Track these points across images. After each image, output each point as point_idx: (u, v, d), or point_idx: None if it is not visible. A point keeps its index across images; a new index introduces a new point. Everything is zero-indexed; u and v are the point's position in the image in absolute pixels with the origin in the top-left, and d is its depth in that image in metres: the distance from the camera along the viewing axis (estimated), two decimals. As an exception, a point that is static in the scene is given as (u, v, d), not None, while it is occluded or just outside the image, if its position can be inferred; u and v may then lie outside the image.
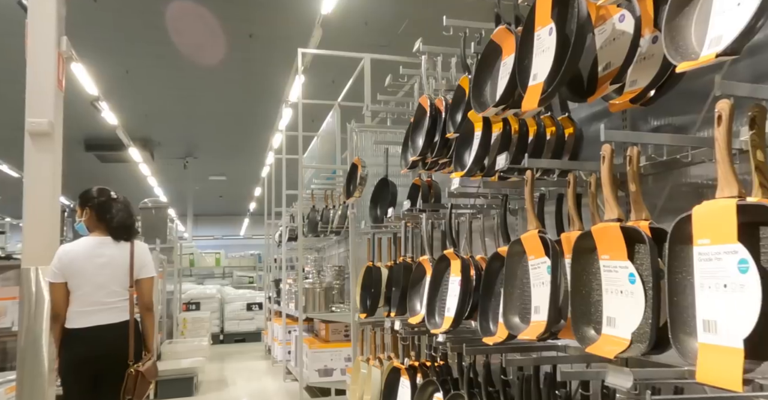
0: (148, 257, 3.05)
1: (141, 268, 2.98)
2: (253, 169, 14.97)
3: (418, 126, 2.53)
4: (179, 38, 7.71)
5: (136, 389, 2.80)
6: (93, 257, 2.87)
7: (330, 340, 5.28)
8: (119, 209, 3.01)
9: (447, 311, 2.13)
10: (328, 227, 5.50)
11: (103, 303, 2.86)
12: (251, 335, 11.13)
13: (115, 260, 2.91)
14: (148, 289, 3.00)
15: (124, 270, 2.91)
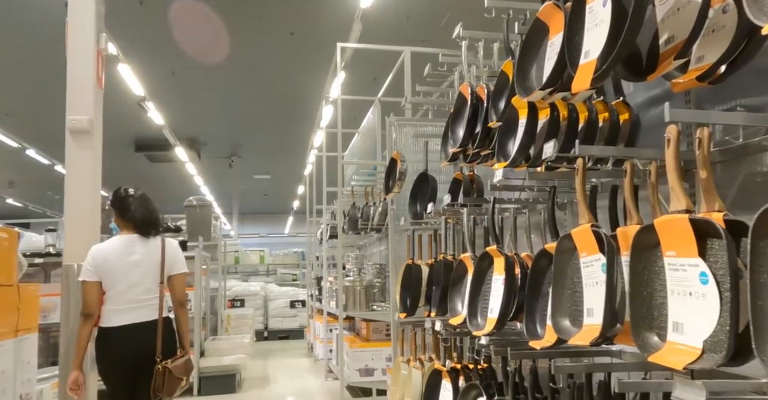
0: (179, 253, 3.03)
1: (172, 264, 2.96)
2: (297, 168, 15.07)
3: (459, 116, 2.39)
4: (221, 37, 7.78)
5: (164, 385, 2.78)
6: (125, 255, 2.87)
7: (371, 339, 5.20)
8: (137, 205, 2.94)
9: (490, 312, 1.99)
10: (369, 225, 5.41)
11: (138, 301, 2.86)
12: (294, 333, 11.18)
13: (147, 258, 2.90)
14: (180, 285, 2.98)
15: (156, 267, 2.90)
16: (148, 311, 2.86)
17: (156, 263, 2.90)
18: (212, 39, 7.83)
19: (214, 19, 7.21)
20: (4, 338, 3.01)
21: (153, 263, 2.90)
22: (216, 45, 8.00)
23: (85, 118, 3.00)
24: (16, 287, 3.14)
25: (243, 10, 6.99)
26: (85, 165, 3.03)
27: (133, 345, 2.82)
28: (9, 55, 7.66)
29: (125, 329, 2.80)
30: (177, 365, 2.84)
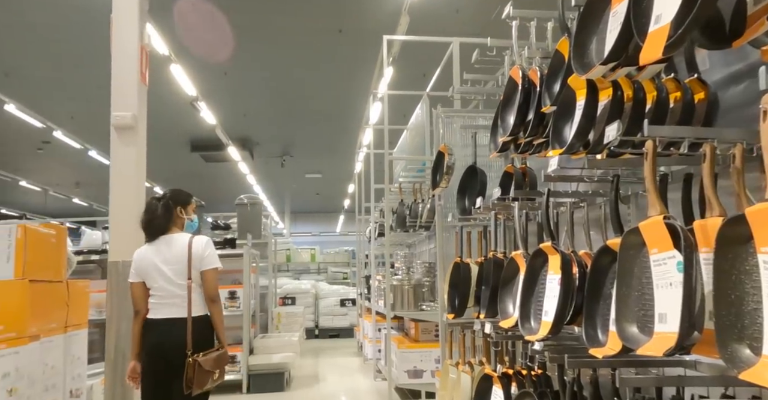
0: (207, 249, 3.08)
1: (200, 260, 3.03)
2: (347, 167, 15.10)
3: (509, 102, 2.22)
4: (271, 37, 7.81)
5: (195, 378, 2.86)
6: (156, 255, 3.01)
7: (420, 340, 5.05)
8: (144, 210, 3.11)
9: (544, 315, 1.81)
10: (417, 222, 5.26)
11: (175, 296, 2.99)
12: (345, 331, 11.16)
13: (175, 255, 3.01)
14: (210, 281, 3.04)
15: (184, 264, 3.01)
16: (178, 308, 2.97)
17: (184, 260, 3.00)
18: (264, 39, 7.87)
19: (264, 19, 7.24)
20: (53, 334, 3.03)
21: (181, 261, 3.00)
22: (268, 44, 8.05)
23: (129, 114, 2.99)
24: (65, 283, 3.17)
25: (291, 9, 6.98)
26: (129, 161, 3.03)
27: (164, 339, 2.96)
28: (71, 58, 7.94)
29: (157, 322, 2.97)
30: (207, 359, 2.91)
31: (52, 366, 3.04)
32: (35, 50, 7.48)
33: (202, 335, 3.00)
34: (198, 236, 3.14)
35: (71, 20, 6.80)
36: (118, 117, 2.97)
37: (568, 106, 1.71)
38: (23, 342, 2.55)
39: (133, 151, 3.02)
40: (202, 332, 3.00)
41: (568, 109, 1.72)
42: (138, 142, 3.04)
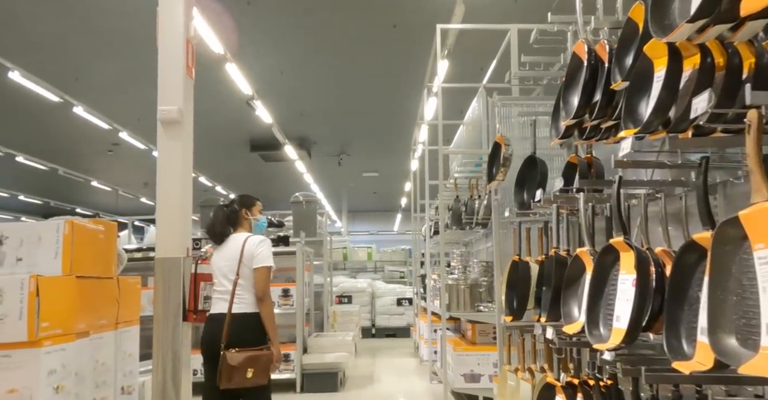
0: (259, 248, 3.15)
1: (250, 259, 3.11)
2: (403, 165, 14.98)
3: (573, 82, 1.99)
4: (326, 35, 7.76)
5: (223, 372, 2.95)
6: (218, 253, 3.21)
7: (477, 342, 4.83)
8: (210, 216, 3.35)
9: (616, 321, 1.59)
10: (473, 219, 5.04)
11: (227, 292, 3.10)
12: (402, 331, 11.01)
13: (230, 254, 3.15)
14: (259, 279, 3.10)
15: (235, 262, 3.12)
16: (224, 304, 3.08)
17: (236, 257, 3.11)
18: (321, 37, 7.84)
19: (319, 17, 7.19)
20: (103, 331, 3.02)
21: (234, 258, 3.13)
22: (324, 43, 8.01)
23: (175, 108, 2.94)
24: (116, 280, 3.15)
25: (345, 6, 6.90)
26: (176, 156, 2.97)
27: (209, 333, 3.10)
28: (137, 62, 8.17)
29: (210, 317, 3.12)
30: (236, 355, 2.95)
31: (102, 363, 3.03)
32: (103, 55, 7.73)
33: (243, 331, 3.03)
34: (255, 235, 3.22)
35: (136, 25, 6.98)
36: (164, 111, 2.92)
37: (644, 80, 1.48)
38: (70, 339, 2.53)
39: (179, 145, 2.97)
40: (243, 329, 3.03)
41: (644, 82, 1.48)
42: (184, 136, 2.99)
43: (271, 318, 3.09)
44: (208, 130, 11.87)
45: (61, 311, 2.49)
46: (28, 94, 8.31)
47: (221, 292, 3.11)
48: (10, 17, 6.75)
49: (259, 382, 2.99)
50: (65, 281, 2.55)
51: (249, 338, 3.01)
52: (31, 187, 16.63)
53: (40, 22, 6.86)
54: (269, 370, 3.05)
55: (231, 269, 3.10)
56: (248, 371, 2.95)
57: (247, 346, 2.98)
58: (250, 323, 3.04)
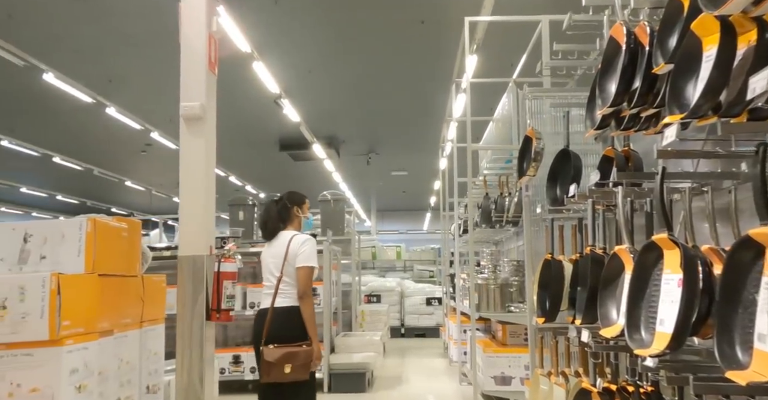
0: (302, 247, 3.23)
1: (294, 258, 3.21)
2: (432, 163, 14.86)
3: (609, 68, 1.86)
4: (354, 33, 7.70)
5: (261, 367, 3.06)
6: (266, 250, 3.36)
7: (507, 344, 4.69)
8: (262, 212, 3.46)
9: (659, 324, 1.46)
10: (503, 217, 4.90)
11: (272, 288, 3.24)
12: (431, 331, 10.89)
13: (276, 252, 3.27)
14: (301, 278, 3.19)
15: (280, 260, 3.23)
16: (279, 299, 3.20)
17: (282, 255, 3.22)
18: (348, 36, 7.79)
19: (347, 15, 7.13)
20: (128, 329, 2.99)
21: (279, 255, 3.23)
22: (351, 42, 7.95)
23: (197, 104, 2.89)
24: (140, 278, 3.13)
25: (372, 3, 6.82)
26: (198, 153, 2.93)
27: (256, 329, 3.23)
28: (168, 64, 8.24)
29: (259, 313, 3.25)
30: (272, 351, 3.04)
31: (127, 361, 3.01)
32: (135, 58, 7.81)
33: (284, 326, 3.13)
34: (301, 234, 3.32)
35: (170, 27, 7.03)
36: (186, 107, 2.88)
37: (691, 61, 1.35)
38: (93, 338, 2.50)
39: (202, 142, 2.92)
40: (283, 324, 3.13)
41: (691, 64, 1.35)
42: (206, 133, 2.94)
43: (311, 316, 3.15)
44: (237, 130, 11.96)
45: (83, 309, 2.46)
46: (63, 95, 8.47)
47: (268, 288, 3.24)
48: (46, 20, 6.87)
49: (298, 378, 3.04)
50: (87, 279, 2.52)
51: (289, 334, 3.09)
52: (68, 187, 17.05)
53: (75, 25, 6.97)
54: (309, 366, 3.09)
55: (276, 266, 3.22)
56: (286, 367, 3.00)
57: (287, 341, 3.06)
58: (291, 318, 3.12)
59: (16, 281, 2.32)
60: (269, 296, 3.21)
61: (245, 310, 5.61)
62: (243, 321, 6.22)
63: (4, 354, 2.31)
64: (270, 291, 3.22)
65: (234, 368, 5.55)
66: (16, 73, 7.87)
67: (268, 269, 3.28)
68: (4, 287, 2.32)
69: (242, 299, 5.61)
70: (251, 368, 5.54)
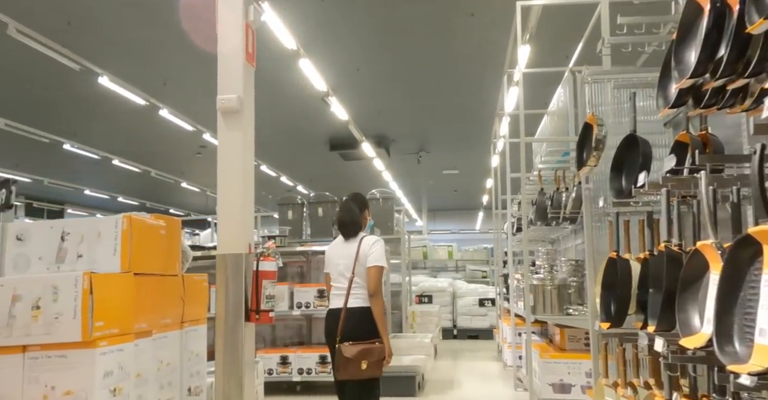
0: (373, 248, 3.32)
1: (366, 258, 3.27)
2: (484, 161, 14.52)
3: (688, 35, 1.60)
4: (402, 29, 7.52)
5: (339, 364, 3.11)
6: (337, 250, 3.39)
7: (566, 348, 4.40)
8: (339, 208, 3.53)
9: (759, 335, 1.21)
10: (560, 214, 4.61)
11: (343, 288, 3.28)
12: (484, 332, 10.58)
13: (348, 252, 3.32)
14: (371, 277, 3.26)
15: (352, 260, 3.28)
16: (341, 299, 3.26)
17: (353, 255, 3.28)
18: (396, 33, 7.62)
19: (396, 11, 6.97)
20: (168, 330, 2.92)
21: (351, 256, 3.30)
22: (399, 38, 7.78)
23: (234, 97, 2.78)
24: (181, 278, 3.05)
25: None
26: (236, 147, 2.82)
27: (329, 327, 3.29)
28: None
29: (330, 312, 3.31)
30: (350, 347, 3.11)
31: (167, 363, 2.93)
32: (188, 60, 7.90)
33: (356, 325, 3.20)
34: (370, 235, 3.41)
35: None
36: (223, 100, 2.78)
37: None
38: (128, 339, 2.42)
39: (240, 136, 2.81)
40: (356, 323, 3.20)
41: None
42: (244, 126, 2.83)
43: (382, 315, 3.24)
44: (287, 130, 12.01)
45: (118, 309, 2.38)
46: (119, 98, 8.68)
47: (338, 288, 3.31)
48: (102, 26, 7.03)
49: (374, 374, 3.18)
50: (122, 279, 2.44)
51: (362, 332, 3.17)
52: (127, 188, 17.63)
53: (129, 29, 7.09)
54: (382, 363, 3.22)
55: (347, 267, 3.28)
56: (362, 363, 3.10)
57: (359, 339, 3.14)
58: (363, 318, 3.20)
59: (49, 281, 2.26)
60: (340, 296, 3.28)
61: (292, 310, 5.51)
62: (291, 321, 6.16)
63: (38, 355, 2.26)
64: (340, 292, 3.28)
65: (282, 369, 5.46)
66: (74, 78, 8.12)
67: (337, 271, 3.33)
68: (38, 287, 2.26)
69: (289, 298, 5.52)
70: (299, 369, 5.45)
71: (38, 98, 9.42)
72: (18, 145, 11.31)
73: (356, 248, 3.29)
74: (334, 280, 3.35)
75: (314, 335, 6.17)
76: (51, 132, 10.61)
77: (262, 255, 2.82)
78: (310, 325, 6.18)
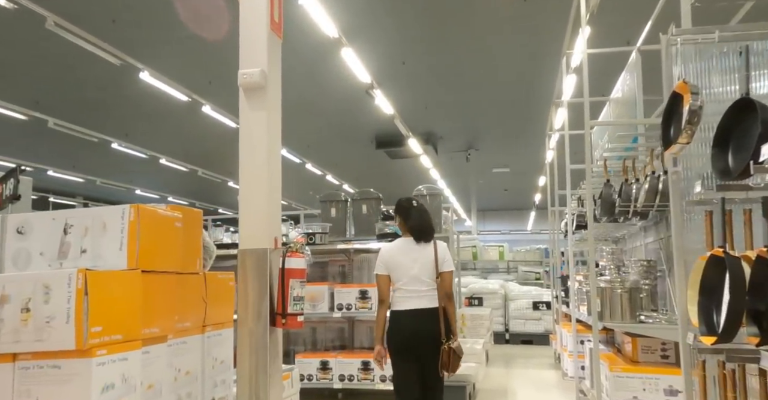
0: (447, 253, 3.46)
1: (443, 263, 3.39)
2: (536, 158, 13.94)
3: None
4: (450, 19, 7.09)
5: (450, 362, 3.25)
6: (407, 253, 3.40)
7: (639, 360, 3.87)
8: (416, 216, 3.53)
9: None
10: (630, 208, 4.08)
11: (418, 291, 3.34)
12: (538, 337, 9.99)
13: (424, 256, 3.39)
14: (448, 280, 3.40)
15: (431, 264, 3.37)
16: (427, 300, 3.33)
17: (431, 261, 3.37)
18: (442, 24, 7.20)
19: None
20: (187, 335, 2.60)
21: (428, 261, 3.37)
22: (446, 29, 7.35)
23: (257, 71, 2.44)
24: (203, 276, 2.73)
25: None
26: (260, 128, 2.47)
27: (417, 327, 3.30)
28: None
29: (407, 313, 3.31)
30: (459, 346, 3.31)
31: (186, 372, 2.61)
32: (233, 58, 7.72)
33: (436, 327, 3.31)
34: (441, 241, 3.52)
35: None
36: (245, 75, 2.44)
37: None
38: (134, 346, 2.10)
39: (263, 115, 2.46)
40: (436, 325, 3.31)
41: None
42: (269, 105, 2.48)
43: (455, 315, 3.42)
44: (332, 126, 11.76)
45: (121, 312, 2.06)
46: (163, 96, 8.60)
47: (414, 291, 3.34)
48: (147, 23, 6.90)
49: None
50: (127, 277, 2.13)
51: (439, 334, 3.29)
52: (177, 188, 17.83)
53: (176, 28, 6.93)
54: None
55: (427, 270, 3.35)
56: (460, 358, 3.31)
57: (446, 338, 3.28)
58: (438, 318, 3.30)
59: (40, 279, 1.96)
60: (414, 298, 3.33)
61: (332, 312, 5.16)
62: (332, 323, 5.81)
63: (29, 366, 1.95)
64: (417, 294, 3.34)
65: (322, 374, 5.12)
66: (121, 77, 8.06)
67: (410, 274, 3.36)
68: (28, 286, 1.96)
69: (329, 300, 5.18)
70: (340, 376, 5.09)
71: (89, 99, 9.49)
72: (72, 147, 11.49)
73: (434, 253, 3.39)
74: (404, 283, 3.36)
75: (357, 339, 5.80)
76: (101, 132, 10.72)
77: (289, 251, 2.46)
78: (353, 328, 5.81)
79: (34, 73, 8.27)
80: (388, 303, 3.40)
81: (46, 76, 8.46)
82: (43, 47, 7.26)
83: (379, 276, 3.42)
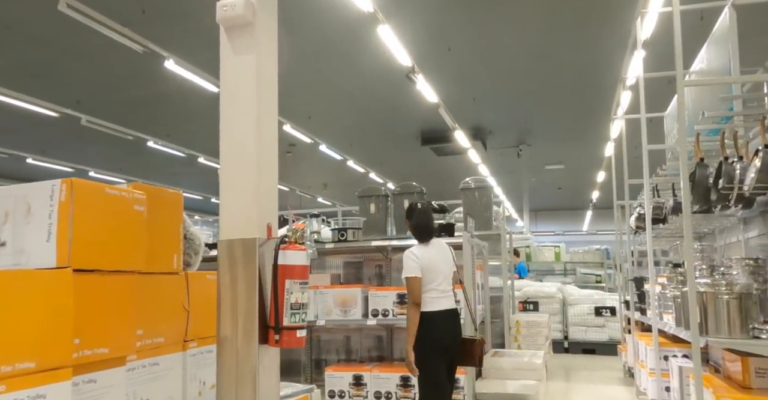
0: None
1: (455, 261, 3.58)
2: (594, 153, 12.93)
3: None
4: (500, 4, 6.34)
5: (481, 358, 3.40)
6: (436, 255, 3.48)
7: (751, 386, 3.02)
8: (416, 215, 3.61)
9: None
10: (733, 193, 3.24)
11: (447, 291, 3.45)
12: (603, 347, 9.02)
13: (444, 256, 3.51)
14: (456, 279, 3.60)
15: (451, 264, 3.52)
16: (453, 300, 3.47)
17: (450, 261, 3.53)
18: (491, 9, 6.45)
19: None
20: (159, 353, 1.99)
21: (449, 261, 3.52)
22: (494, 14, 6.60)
23: (240, 2, 1.79)
24: (183, 277, 2.11)
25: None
26: (245, 78, 1.82)
27: (448, 326, 3.42)
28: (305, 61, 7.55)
29: (441, 314, 3.38)
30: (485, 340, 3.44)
31: (169, 396, 2.00)
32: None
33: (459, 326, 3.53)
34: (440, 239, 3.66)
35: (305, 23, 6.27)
36: (225, 8, 1.80)
37: None
38: (58, 377, 1.49)
39: (251, 60, 1.82)
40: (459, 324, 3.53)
41: None
42: (260, 48, 1.83)
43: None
44: (375, 120, 11.12)
45: (34, 331, 1.45)
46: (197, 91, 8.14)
47: (444, 291, 3.43)
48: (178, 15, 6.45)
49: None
50: (48, 279, 1.52)
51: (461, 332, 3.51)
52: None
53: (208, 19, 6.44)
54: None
55: (448, 270, 3.49)
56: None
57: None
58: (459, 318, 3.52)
59: None
60: (448, 297, 3.44)
61: (366, 318, 4.46)
62: (367, 331, 5.12)
63: None
64: (446, 294, 3.44)
65: (355, 391, 4.45)
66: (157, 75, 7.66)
67: (439, 270, 3.43)
68: None
69: (363, 304, 4.49)
70: (376, 393, 4.40)
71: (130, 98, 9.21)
72: (112, 147, 11.31)
73: (450, 253, 3.55)
74: (438, 283, 3.41)
75: (396, 349, 5.10)
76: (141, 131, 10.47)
77: (287, 242, 1.79)
78: (391, 337, 5.10)
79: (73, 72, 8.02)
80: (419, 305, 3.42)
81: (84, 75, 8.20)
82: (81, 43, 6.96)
83: (416, 279, 3.38)
